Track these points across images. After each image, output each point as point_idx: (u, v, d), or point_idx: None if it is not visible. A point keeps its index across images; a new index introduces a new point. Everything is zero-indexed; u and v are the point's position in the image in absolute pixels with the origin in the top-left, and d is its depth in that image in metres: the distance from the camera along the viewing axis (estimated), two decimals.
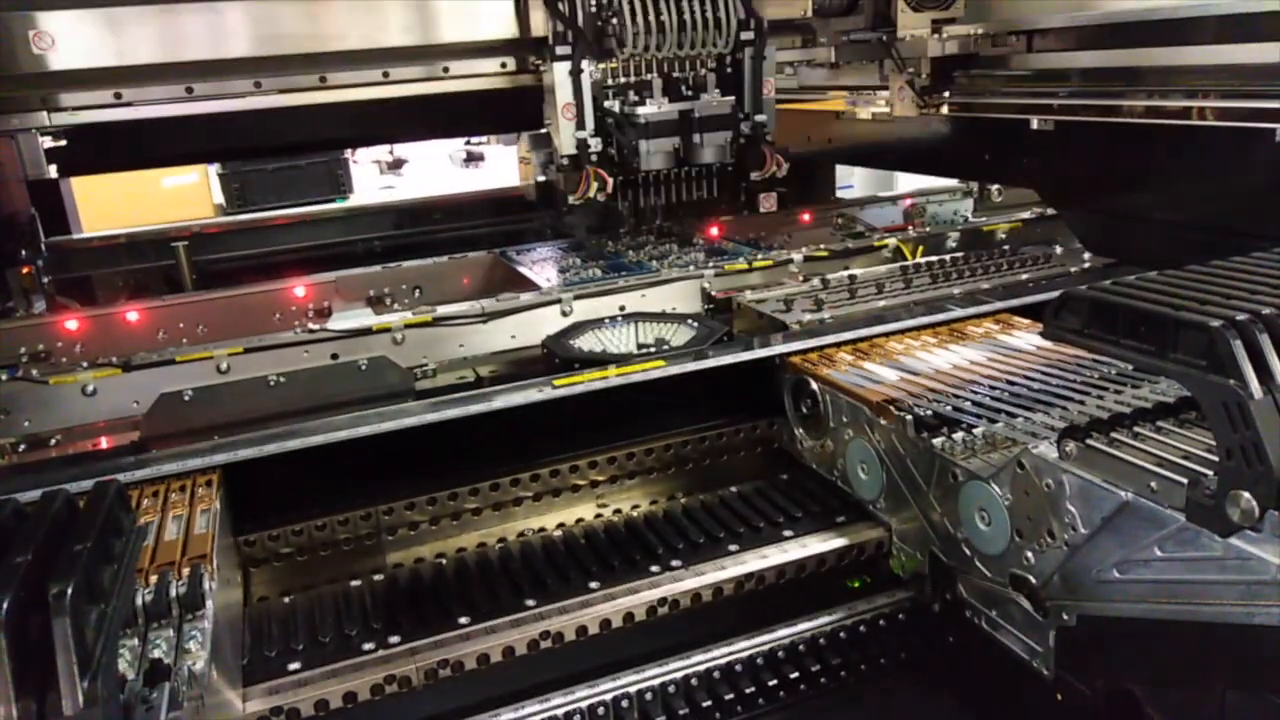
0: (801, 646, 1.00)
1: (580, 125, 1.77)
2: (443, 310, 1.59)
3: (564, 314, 1.62)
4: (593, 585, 0.98)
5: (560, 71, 1.75)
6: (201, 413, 1.41)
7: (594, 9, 1.77)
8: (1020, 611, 0.87)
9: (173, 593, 0.75)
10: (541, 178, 1.91)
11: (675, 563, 1.01)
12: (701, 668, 0.96)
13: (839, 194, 2.96)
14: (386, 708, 0.89)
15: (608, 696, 0.93)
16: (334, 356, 1.52)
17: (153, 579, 0.79)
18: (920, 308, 1.35)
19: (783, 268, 1.76)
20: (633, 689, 0.94)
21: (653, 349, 1.44)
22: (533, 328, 1.60)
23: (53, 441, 1.40)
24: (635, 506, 1.17)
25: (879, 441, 1.04)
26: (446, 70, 1.87)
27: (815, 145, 2.65)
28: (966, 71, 2.06)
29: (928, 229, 1.98)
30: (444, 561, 1.07)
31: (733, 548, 1.03)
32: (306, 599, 1.00)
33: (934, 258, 1.73)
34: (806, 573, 1.02)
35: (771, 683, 0.98)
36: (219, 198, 4.82)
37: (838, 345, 1.23)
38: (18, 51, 1.66)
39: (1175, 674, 0.71)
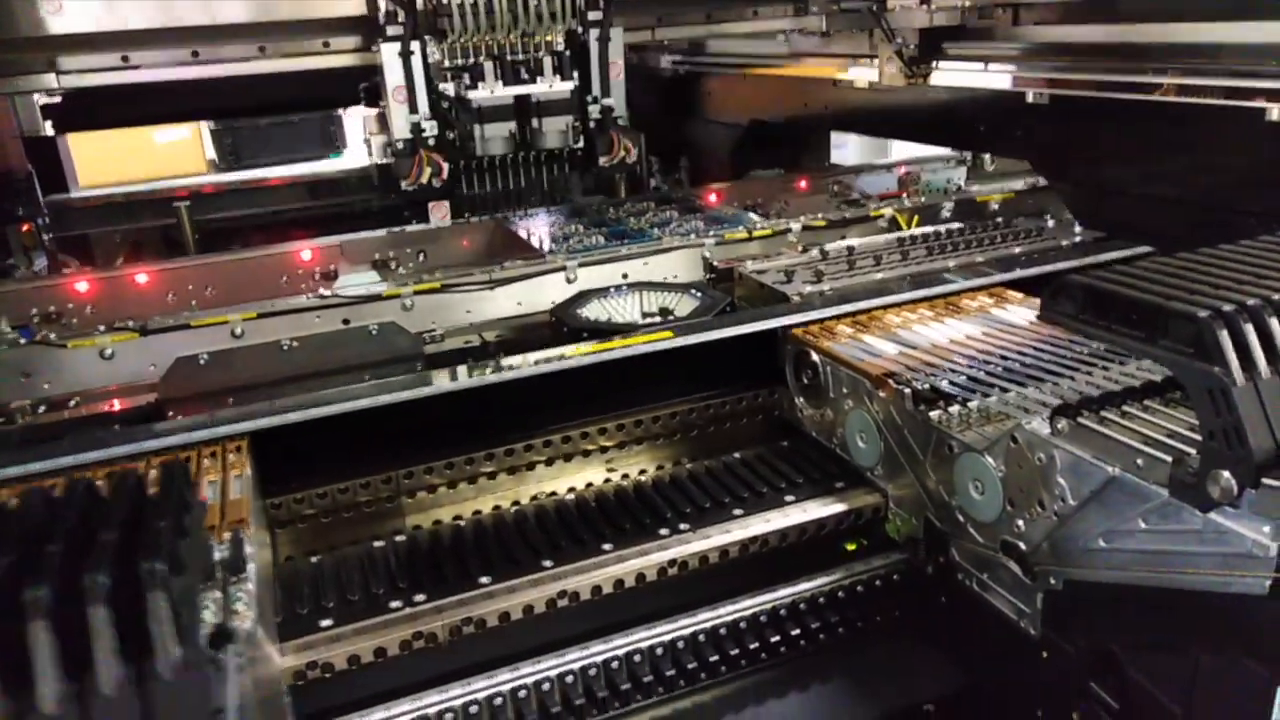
0: (802, 605, 1.06)
1: (413, 108, 1.76)
2: (450, 277, 1.63)
3: (569, 281, 1.66)
4: (606, 547, 1.03)
5: (390, 52, 1.74)
6: (217, 376, 1.45)
7: None
8: (1009, 575, 0.93)
9: (216, 556, 0.80)
10: (380, 160, 1.88)
11: (683, 526, 1.06)
12: (708, 625, 1.02)
13: (833, 159, 2.98)
14: (412, 661, 0.95)
15: (620, 652, 0.99)
16: (345, 322, 1.56)
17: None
18: (917, 280, 1.39)
19: (781, 237, 1.79)
20: (644, 644, 0.99)
21: (658, 318, 1.48)
22: (538, 294, 1.64)
23: (72, 403, 1.44)
24: (642, 471, 1.22)
25: (878, 413, 1.09)
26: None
27: (810, 111, 2.67)
28: (955, 42, 2.08)
29: (922, 199, 2.02)
30: (462, 523, 1.12)
31: (737, 512, 1.09)
32: (333, 559, 1.05)
33: (930, 229, 1.77)
34: (807, 536, 1.08)
35: (774, 639, 1.03)
36: (211, 153, 4.80)
37: (838, 318, 1.27)
38: (28, 14, 1.67)
39: (1154, 637, 0.77)
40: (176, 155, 4.61)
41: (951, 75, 2.05)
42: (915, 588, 1.07)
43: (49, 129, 2.56)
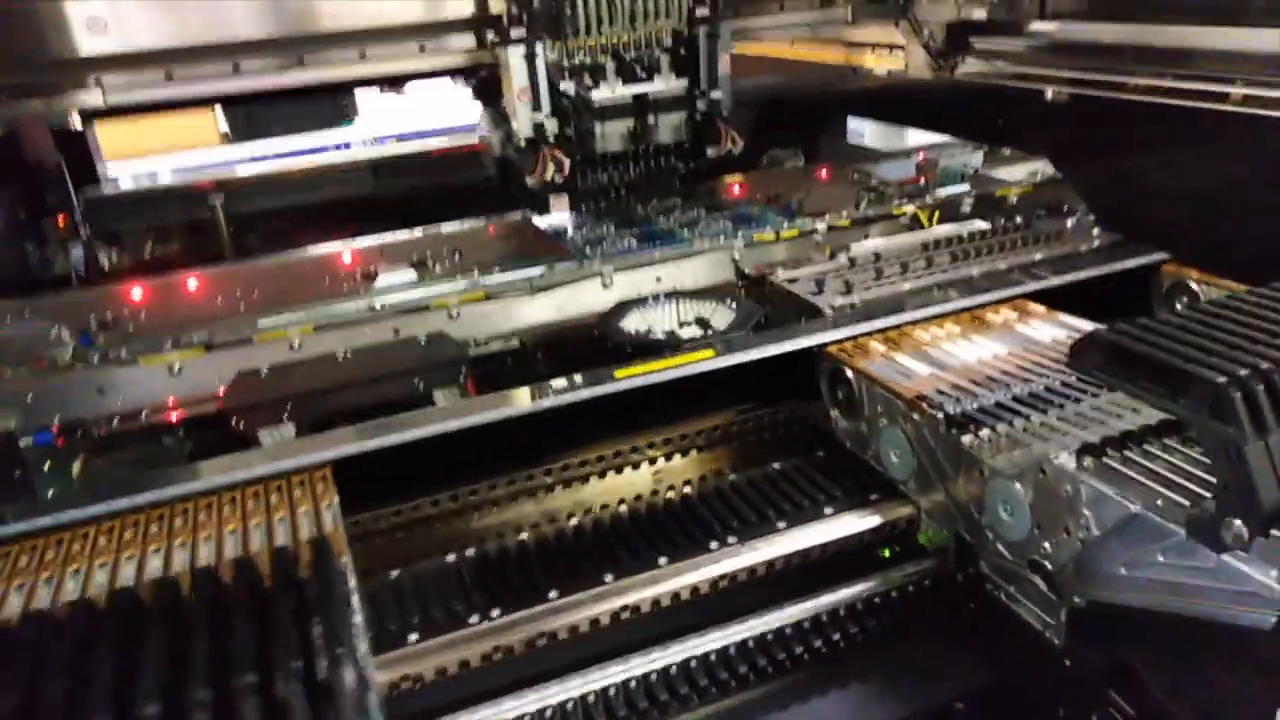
0: (843, 611, 1.15)
1: (536, 108, 1.84)
2: (494, 283, 1.70)
3: (604, 286, 1.73)
4: (661, 561, 1.12)
5: (515, 55, 1.81)
6: (278, 387, 1.54)
7: None
8: (1036, 590, 1.02)
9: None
10: (500, 154, 1.98)
11: (731, 540, 1.15)
12: (758, 631, 1.12)
13: (850, 137, 3.02)
14: (489, 671, 1.04)
15: (679, 658, 1.08)
16: (395, 332, 1.64)
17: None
18: (943, 293, 1.46)
19: (808, 238, 1.86)
20: (701, 651, 1.09)
21: (696, 330, 1.55)
22: (576, 300, 1.72)
23: (143, 415, 1.52)
24: (687, 482, 1.30)
25: (911, 432, 1.17)
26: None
27: (829, 95, 2.71)
28: (981, 37, 2.13)
29: (943, 195, 2.08)
30: (525, 537, 1.21)
31: (781, 525, 1.17)
32: (410, 575, 1.14)
33: (951, 228, 1.84)
34: (848, 548, 1.17)
35: (817, 643, 1.13)
36: (224, 126, 4.87)
37: (870, 334, 1.35)
38: (74, 35, 1.72)
39: (1172, 656, 0.86)
40: (190, 128, 4.68)
41: (975, 68, 2.10)
42: (945, 593, 1.16)
43: (77, 122, 2.61)
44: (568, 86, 1.88)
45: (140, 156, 4.10)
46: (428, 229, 2.17)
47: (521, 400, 1.23)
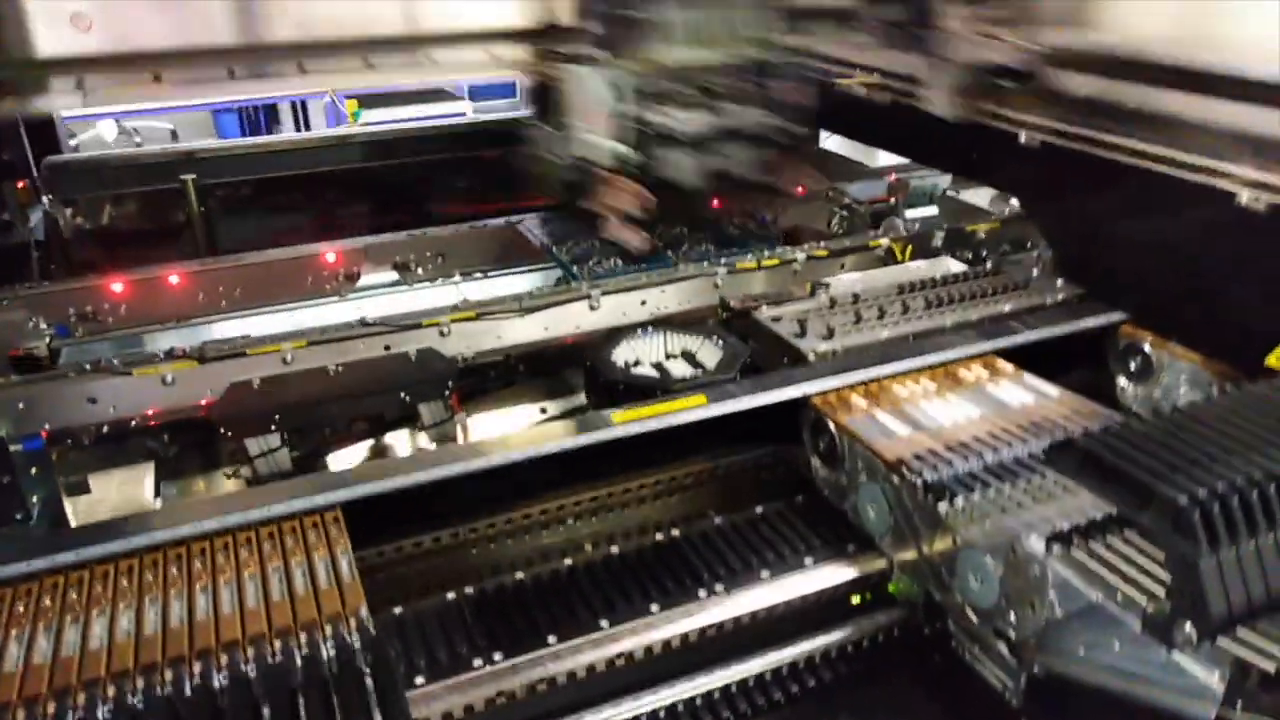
0: (818, 658, 1.24)
1: (611, 134, 1.83)
2: (485, 302, 1.74)
3: (592, 309, 1.78)
4: (653, 608, 1.20)
5: (593, 77, 1.80)
6: (270, 400, 1.57)
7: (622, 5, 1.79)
8: (999, 654, 1.11)
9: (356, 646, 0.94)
10: (566, 178, 1.96)
11: (718, 588, 1.23)
12: (740, 677, 1.20)
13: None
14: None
15: (667, 703, 1.16)
16: (386, 348, 1.67)
17: (328, 628, 0.97)
18: (919, 344, 1.55)
19: (787, 266, 1.93)
20: (688, 696, 1.17)
21: (683, 364, 1.61)
22: (563, 320, 1.77)
23: (133, 424, 1.54)
24: (673, 524, 1.37)
25: (889, 492, 1.25)
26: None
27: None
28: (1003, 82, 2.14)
29: (912, 217, 2.16)
30: (521, 577, 1.27)
31: (764, 574, 1.25)
32: (412, 613, 1.19)
33: (925, 267, 1.93)
34: (825, 598, 1.25)
35: (794, 688, 1.22)
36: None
37: (852, 386, 1.42)
38: (56, 34, 1.70)
39: None
40: None
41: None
42: (913, 644, 1.25)
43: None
44: (641, 112, 1.82)
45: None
46: (412, 231, 2.19)
47: (528, 443, 1.28)
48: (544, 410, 1.92)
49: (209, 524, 1.12)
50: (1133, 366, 1.61)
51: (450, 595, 1.23)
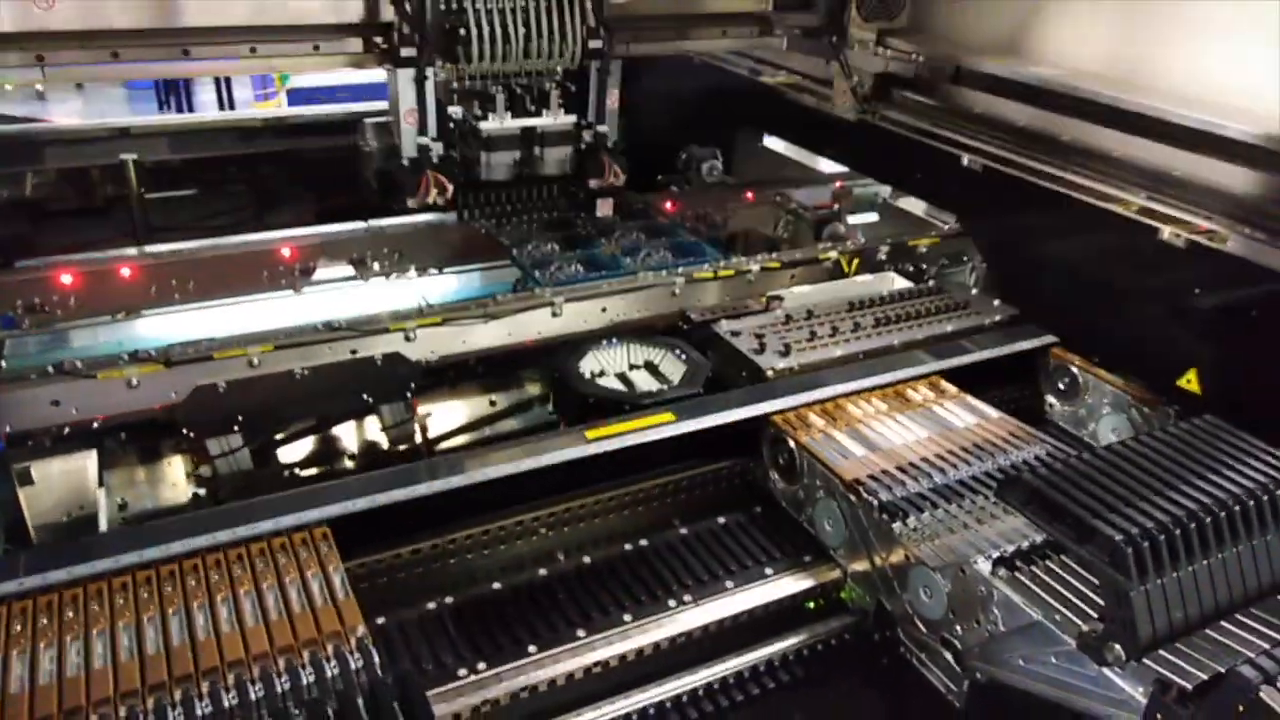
0: (777, 661, 1.33)
1: (423, 131, 1.90)
2: (451, 312, 1.77)
3: (554, 315, 1.83)
4: (626, 618, 1.27)
5: (405, 77, 1.86)
6: (235, 402, 1.58)
7: (443, 10, 1.86)
8: (944, 661, 1.22)
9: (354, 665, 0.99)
10: (380, 166, 2.04)
11: (686, 598, 1.31)
12: (705, 680, 1.28)
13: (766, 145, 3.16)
14: None
15: (639, 705, 1.24)
16: (353, 352, 1.69)
17: (329, 646, 1.02)
18: (870, 365, 1.65)
19: (742, 278, 2.01)
20: (659, 699, 1.25)
21: (645, 375, 1.68)
22: (526, 325, 1.82)
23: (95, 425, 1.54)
24: (641, 536, 1.44)
25: (845, 509, 1.35)
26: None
27: (750, 111, 2.86)
28: (905, 91, 2.30)
29: (864, 240, 2.27)
30: (498, 587, 1.33)
31: (729, 584, 1.34)
32: (396, 623, 1.24)
33: (872, 281, 2.04)
34: (784, 605, 1.35)
35: (754, 691, 1.31)
36: None
37: (810, 405, 1.51)
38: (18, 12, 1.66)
39: None
40: None
41: (898, 118, 2.27)
42: (862, 649, 1.35)
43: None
44: (455, 111, 1.93)
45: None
46: (370, 225, 2.19)
47: (505, 460, 1.34)
48: (493, 403, 1.97)
49: (200, 540, 1.14)
50: (1061, 386, 1.74)
51: (430, 605, 1.28)
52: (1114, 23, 1.93)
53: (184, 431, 1.59)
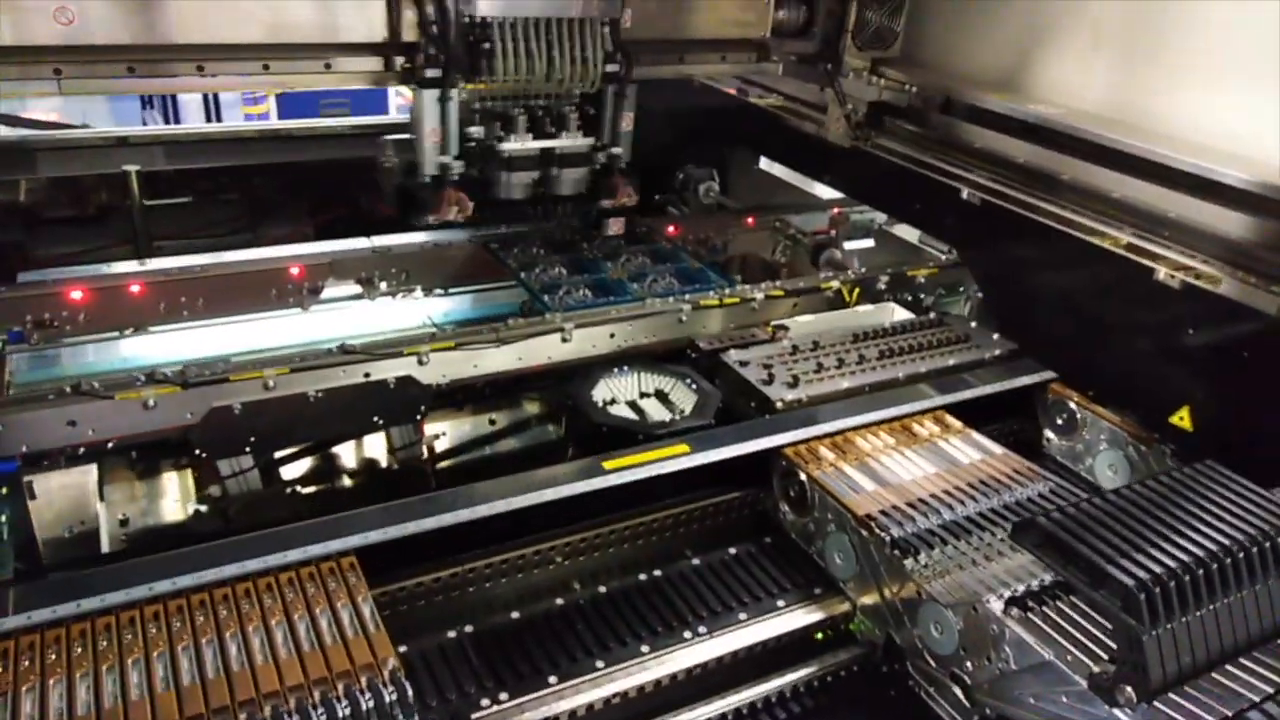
0: (788, 692, 1.36)
1: (444, 150, 1.91)
2: (464, 336, 1.79)
3: (564, 340, 1.86)
4: (644, 649, 1.30)
5: (429, 97, 1.88)
6: (250, 424, 1.59)
7: (468, 30, 1.87)
8: (953, 695, 1.25)
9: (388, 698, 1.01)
10: (400, 182, 2.03)
11: (701, 629, 1.34)
12: (720, 711, 1.31)
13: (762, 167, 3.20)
14: None
15: None
16: (366, 375, 1.71)
17: (363, 679, 1.03)
18: (877, 398, 1.69)
19: (746, 304, 2.04)
20: None
21: (656, 403, 1.71)
22: (537, 350, 1.84)
23: (109, 445, 1.55)
24: (654, 566, 1.46)
25: (857, 543, 1.38)
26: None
27: (752, 135, 2.90)
28: (899, 120, 2.34)
29: (861, 268, 2.31)
30: (516, 616, 1.35)
31: (742, 616, 1.37)
32: (418, 651, 1.26)
33: (873, 312, 2.08)
34: (795, 637, 1.38)
35: None
36: None
37: (820, 438, 1.55)
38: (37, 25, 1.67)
39: None
40: None
41: (893, 147, 2.31)
42: (871, 680, 1.39)
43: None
44: (476, 131, 1.95)
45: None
46: (377, 245, 2.21)
47: (528, 490, 1.36)
48: (493, 422, 2.00)
49: (230, 569, 1.16)
50: (1059, 421, 1.79)
51: (450, 633, 1.30)
52: (1113, 64, 1.98)
53: (198, 453, 1.60)
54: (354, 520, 1.27)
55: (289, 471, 1.86)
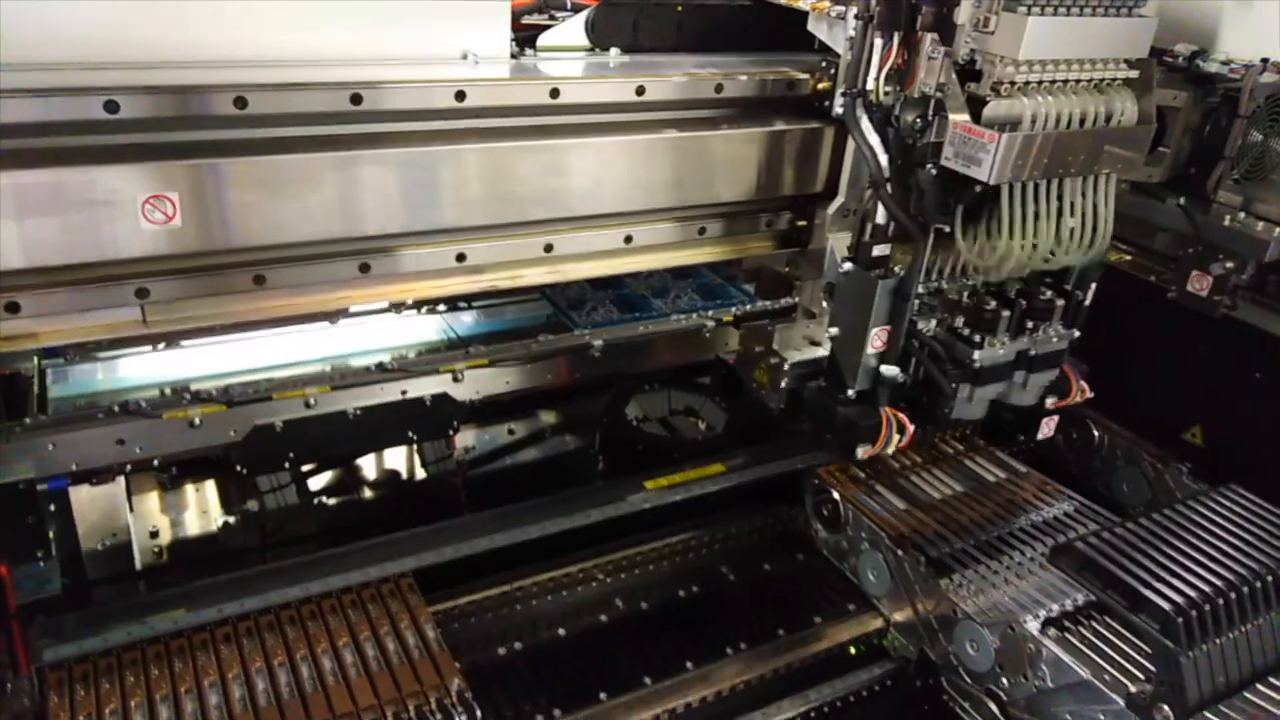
0: (826, 708, 1.40)
1: (888, 359, 1.24)
2: (498, 353, 1.82)
3: (594, 357, 1.89)
4: (688, 665, 1.34)
5: (883, 290, 1.19)
6: (290, 441, 1.62)
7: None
8: (988, 711, 1.30)
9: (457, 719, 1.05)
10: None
11: (729, 650, 1.38)
12: None
13: None
14: None
15: None
16: (403, 393, 1.74)
17: (432, 699, 1.07)
18: None
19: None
20: None
21: (686, 419, 1.75)
22: (564, 364, 1.87)
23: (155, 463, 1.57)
24: (691, 583, 1.51)
25: (892, 562, 1.43)
26: None
27: None
28: None
29: None
30: (563, 633, 1.39)
31: (780, 632, 1.41)
32: (470, 665, 1.29)
33: None
34: (831, 656, 1.42)
35: None
36: None
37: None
38: None
39: None
40: None
41: None
42: (905, 695, 1.43)
43: None
44: (927, 328, 1.26)
45: None
46: None
47: (576, 511, 1.40)
48: (511, 432, 2.03)
49: (293, 591, 1.19)
50: (1077, 439, 1.84)
51: (500, 650, 1.34)
52: None
53: (239, 469, 1.63)
54: (411, 541, 1.31)
55: (318, 483, 1.89)
